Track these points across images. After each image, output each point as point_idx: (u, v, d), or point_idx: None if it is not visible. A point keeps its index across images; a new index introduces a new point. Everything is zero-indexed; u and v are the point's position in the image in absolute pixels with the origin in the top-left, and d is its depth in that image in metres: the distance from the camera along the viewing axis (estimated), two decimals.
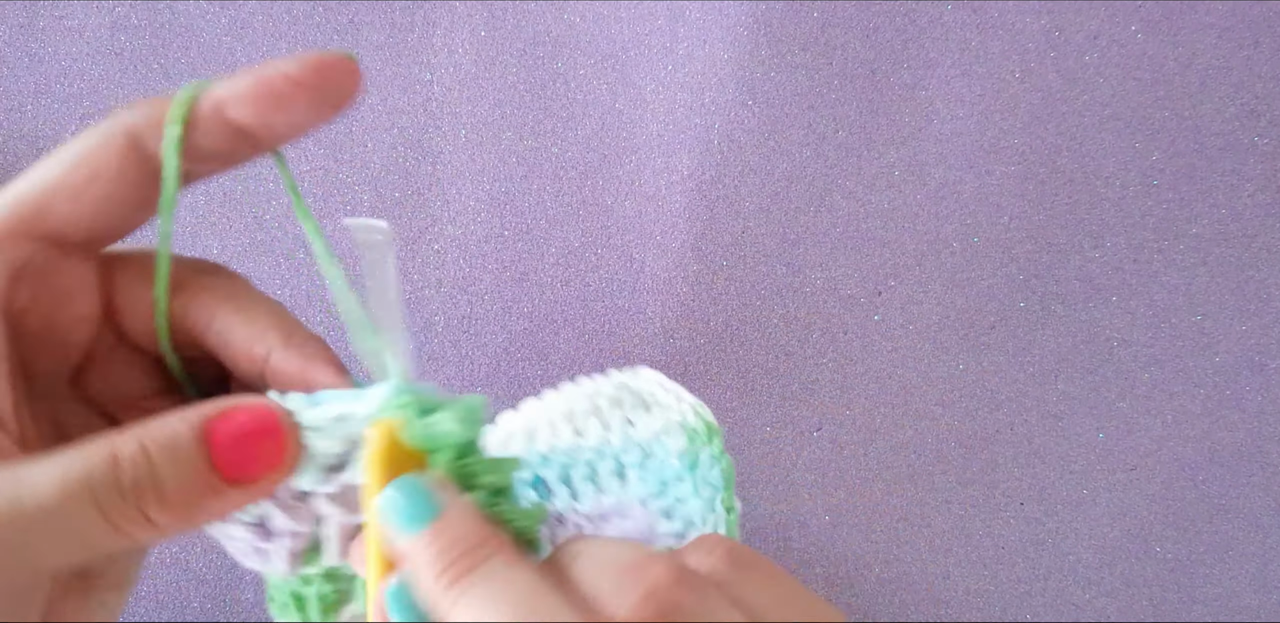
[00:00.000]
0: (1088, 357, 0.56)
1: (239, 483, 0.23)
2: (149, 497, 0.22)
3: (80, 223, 0.24)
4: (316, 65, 0.24)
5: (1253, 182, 0.56)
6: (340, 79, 0.25)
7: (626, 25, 0.56)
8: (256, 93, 0.24)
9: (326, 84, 0.25)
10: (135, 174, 0.24)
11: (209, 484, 0.23)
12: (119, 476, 0.22)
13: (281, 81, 0.24)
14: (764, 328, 0.55)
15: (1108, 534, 0.56)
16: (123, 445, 0.22)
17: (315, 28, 0.55)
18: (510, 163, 0.56)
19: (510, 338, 0.55)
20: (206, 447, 0.23)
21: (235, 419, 0.23)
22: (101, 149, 0.24)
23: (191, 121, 0.25)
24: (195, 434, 0.23)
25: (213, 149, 0.25)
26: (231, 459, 0.23)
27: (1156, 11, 0.56)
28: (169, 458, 0.22)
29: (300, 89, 0.24)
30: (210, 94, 0.25)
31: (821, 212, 0.56)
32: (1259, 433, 0.56)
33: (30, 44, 0.55)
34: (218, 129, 0.25)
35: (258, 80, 0.24)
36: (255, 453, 0.24)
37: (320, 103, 0.25)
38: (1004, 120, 0.56)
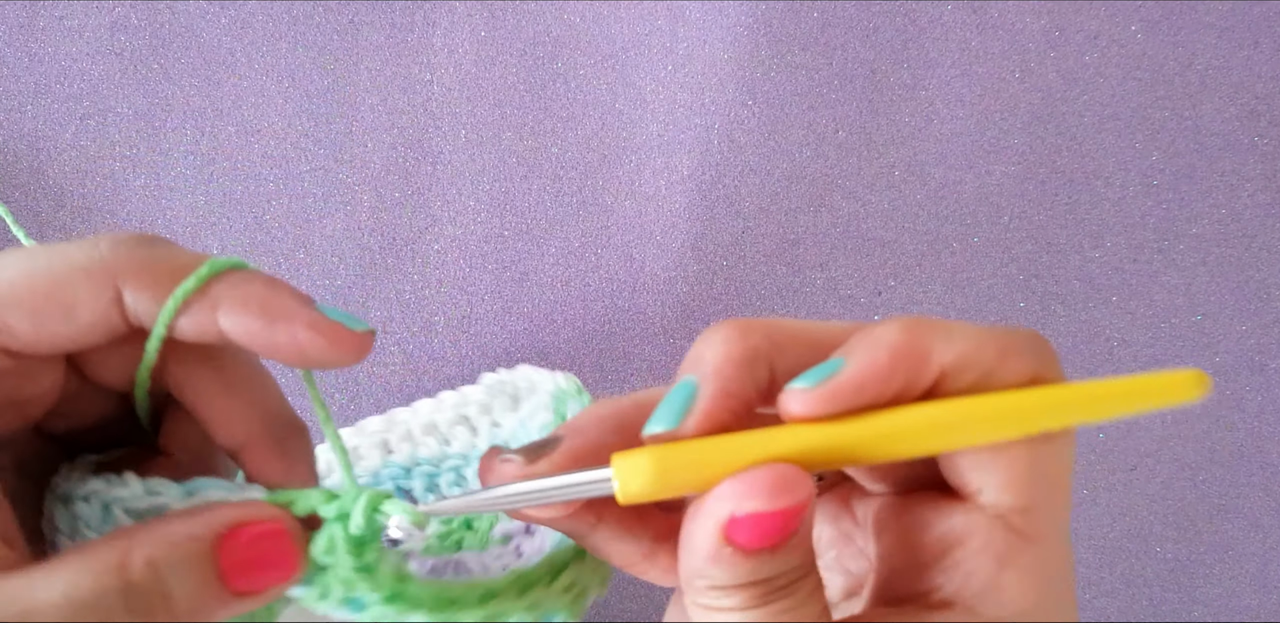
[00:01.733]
0: (1088, 357, 0.56)
1: (247, 594, 0.23)
2: (158, 613, 0.22)
3: (40, 347, 0.24)
4: (330, 335, 0.24)
5: (1253, 182, 0.56)
6: (345, 355, 0.24)
7: (626, 25, 0.56)
8: (256, 327, 0.24)
9: (326, 354, 0.24)
10: (107, 325, 0.24)
11: (217, 598, 0.23)
12: (128, 594, 0.22)
13: (285, 334, 0.23)
14: None
15: (1108, 534, 0.56)
16: (133, 561, 0.22)
17: (315, 28, 0.55)
18: (510, 163, 0.56)
19: (510, 338, 0.55)
20: (218, 562, 0.23)
21: (247, 534, 0.23)
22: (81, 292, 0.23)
23: (186, 304, 0.24)
24: (207, 551, 0.23)
25: (192, 334, 0.24)
26: (241, 573, 0.23)
27: (1156, 11, 0.56)
28: (180, 577, 0.22)
29: (298, 349, 0.24)
30: (216, 292, 0.24)
31: (821, 212, 0.56)
32: (1259, 433, 0.56)
33: (30, 44, 0.55)
34: (205, 323, 0.24)
35: (266, 314, 0.24)
36: (265, 566, 0.23)
37: (310, 362, 0.24)
38: (1004, 120, 0.56)
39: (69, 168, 0.55)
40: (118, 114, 0.55)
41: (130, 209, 0.55)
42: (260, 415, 0.26)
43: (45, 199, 0.55)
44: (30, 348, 0.23)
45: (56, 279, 0.23)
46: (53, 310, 0.23)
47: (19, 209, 0.55)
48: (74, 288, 0.23)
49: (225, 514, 0.23)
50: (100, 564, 0.22)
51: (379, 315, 0.55)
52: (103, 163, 0.55)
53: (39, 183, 0.55)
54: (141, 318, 0.24)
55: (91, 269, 0.23)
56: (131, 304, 0.24)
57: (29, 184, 0.55)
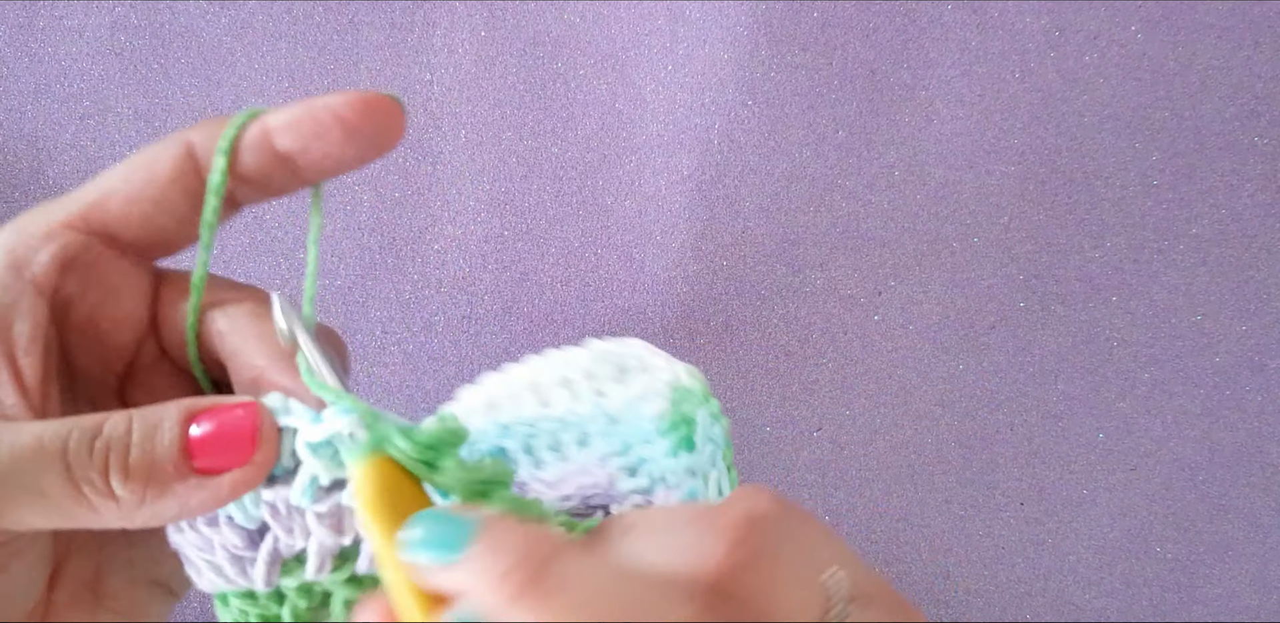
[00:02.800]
0: (1088, 357, 0.56)
1: (204, 472, 0.24)
2: (115, 462, 0.23)
3: (132, 222, 0.26)
4: (361, 104, 0.26)
5: (1253, 182, 0.56)
6: (382, 120, 0.26)
7: (626, 25, 0.56)
8: (300, 121, 0.26)
9: (368, 122, 0.26)
10: (188, 183, 0.26)
11: (174, 464, 0.24)
12: (94, 438, 0.23)
13: (325, 114, 0.25)
14: (764, 328, 0.55)
15: (1108, 534, 0.56)
16: (113, 416, 0.24)
17: (315, 28, 0.55)
18: (510, 163, 0.56)
19: (510, 338, 0.55)
20: (184, 429, 0.24)
21: (221, 412, 0.25)
22: (160, 158, 0.26)
23: (240, 143, 0.26)
24: (179, 415, 0.24)
25: (257, 172, 0.26)
26: (202, 448, 0.24)
27: (1156, 11, 0.56)
28: (146, 430, 0.24)
29: (341, 123, 0.25)
30: (262, 120, 0.26)
31: (821, 212, 0.56)
32: (1259, 433, 0.56)
33: (30, 44, 0.55)
34: (263, 153, 0.26)
35: (303, 110, 0.26)
36: (226, 446, 0.25)
37: (360, 140, 0.26)
38: (1004, 120, 0.56)
39: (69, 168, 0.55)
40: (118, 114, 0.55)
41: None
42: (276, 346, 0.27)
43: (45, 199, 0.55)
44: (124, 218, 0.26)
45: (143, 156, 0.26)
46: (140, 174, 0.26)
47: (19, 209, 0.55)
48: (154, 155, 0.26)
49: (212, 397, 0.25)
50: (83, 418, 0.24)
51: (379, 315, 0.55)
52: (103, 163, 0.55)
53: (39, 183, 0.55)
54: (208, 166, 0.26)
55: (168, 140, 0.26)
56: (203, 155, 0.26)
57: (29, 184, 0.55)
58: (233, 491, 0.24)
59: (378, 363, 0.55)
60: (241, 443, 0.24)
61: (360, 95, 0.25)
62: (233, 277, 0.30)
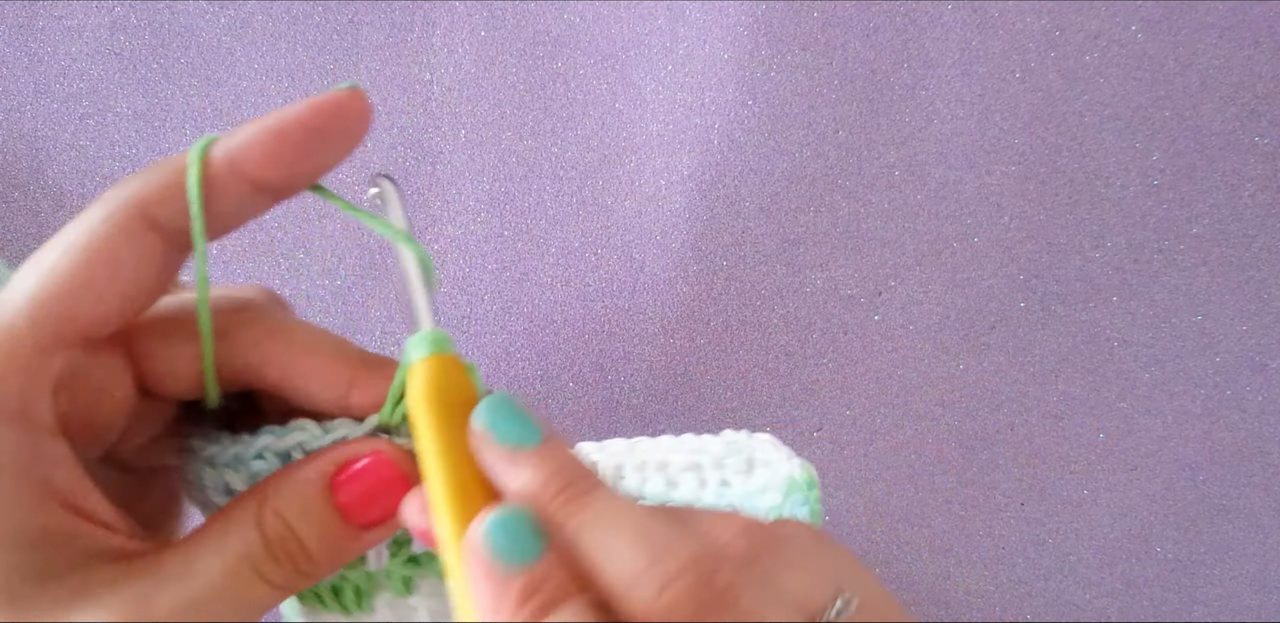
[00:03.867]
0: (1088, 357, 0.56)
1: (372, 526, 0.25)
2: (300, 559, 0.24)
3: (108, 320, 0.24)
4: (326, 107, 0.24)
5: (1253, 182, 0.56)
6: (352, 115, 0.25)
7: (626, 25, 0.56)
8: (272, 145, 0.24)
9: (339, 123, 0.24)
10: (156, 255, 0.24)
11: (346, 534, 0.25)
12: (270, 547, 0.24)
13: (294, 129, 0.24)
14: (764, 328, 0.55)
15: (1108, 534, 0.56)
16: (265, 520, 0.24)
17: (315, 28, 0.55)
18: (510, 163, 0.56)
19: (510, 338, 0.55)
20: (335, 504, 0.24)
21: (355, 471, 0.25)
22: (116, 238, 0.23)
23: (207, 184, 0.24)
24: (322, 494, 0.24)
25: (233, 207, 0.24)
26: (359, 509, 0.25)
27: (1156, 11, 0.56)
28: (304, 522, 0.24)
29: (314, 134, 0.24)
30: (221, 153, 0.24)
31: (821, 212, 0.56)
32: (1259, 433, 0.56)
33: (30, 44, 0.55)
34: (234, 187, 0.24)
35: (270, 132, 0.24)
36: (379, 497, 0.25)
37: (335, 143, 0.25)
38: (1004, 120, 0.56)
39: (69, 168, 0.55)
40: (118, 114, 0.55)
41: None
42: (347, 357, 0.27)
43: (45, 199, 0.55)
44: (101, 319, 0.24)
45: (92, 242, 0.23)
46: (101, 270, 0.23)
47: (19, 209, 0.55)
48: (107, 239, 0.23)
49: (331, 455, 0.25)
50: (241, 523, 0.24)
51: (379, 315, 0.55)
52: (103, 163, 0.55)
53: (39, 183, 0.55)
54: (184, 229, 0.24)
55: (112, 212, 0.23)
56: (166, 220, 0.24)
57: (29, 184, 0.55)
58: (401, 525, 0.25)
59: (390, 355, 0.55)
60: (395, 493, 0.25)
61: (323, 99, 0.24)
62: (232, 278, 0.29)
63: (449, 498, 0.23)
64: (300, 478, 0.24)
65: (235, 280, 0.51)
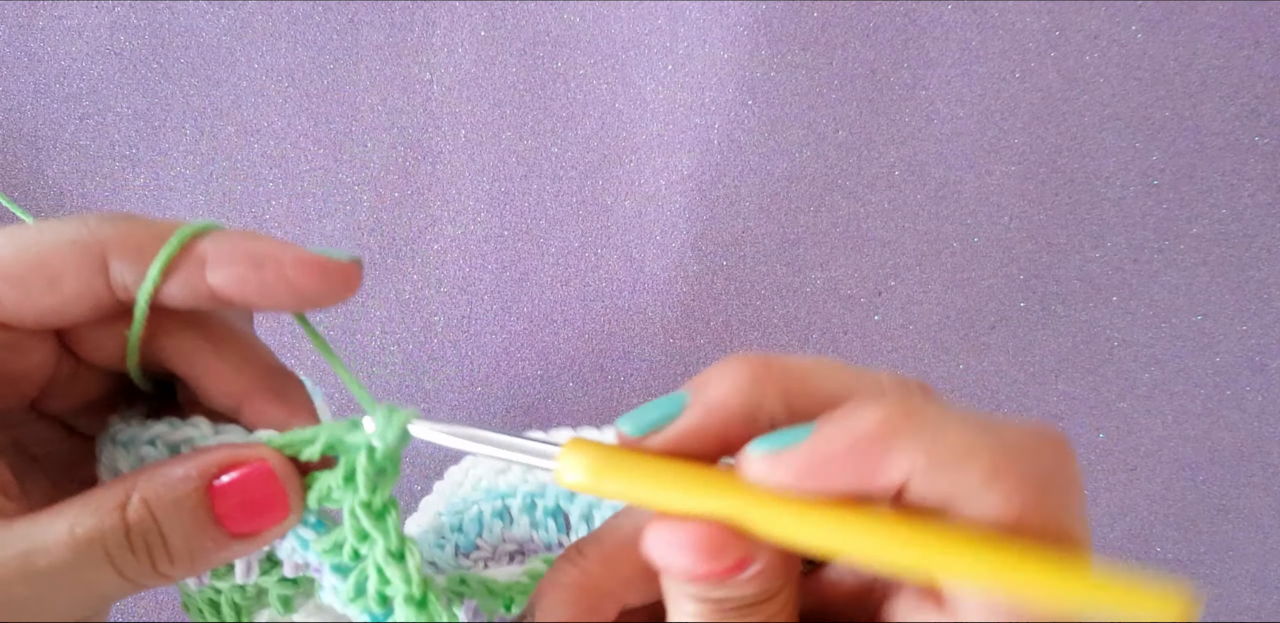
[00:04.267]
0: (1088, 357, 0.56)
1: (246, 536, 0.24)
2: (158, 553, 0.23)
3: (24, 320, 0.24)
4: (318, 270, 0.24)
5: (1253, 182, 0.56)
6: (336, 288, 0.24)
7: (626, 25, 0.56)
8: (244, 269, 0.23)
9: (319, 289, 0.24)
10: (93, 297, 0.24)
11: (214, 539, 0.23)
12: (129, 533, 0.22)
13: (274, 275, 0.23)
14: (764, 328, 0.55)
15: (1108, 534, 0.56)
16: (129, 503, 0.23)
17: (315, 27, 0.55)
18: (510, 163, 0.56)
19: (510, 338, 0.55)
20: (209, 504, 0.23)
21: (237, 475, 0.24)
22: (69, 262, 0.23)
23: (171, 269, 0.23)
24: (198, 492, 0.23)
25: (182, 299, 0.24)
26: (234, 516, 0.23)
27: (1156, 11, 0.56)
28: (173, 518, 0.23)
29: (290, 288, 0.24)
30: (202, 249, 0.24)
31: (821, 212, 0.56)
32: (1259, 433, 0.56)
33: (30, 44, 0.55)
34: (193, 284, 0.24)
35: (252, 260, 0.23)
36: (257, 508, 0.24)
37: (301, 300, 0.24)
38: (1004, 120, 0.56)
39: (69, 168, 0.55)
40: (118, 114, 0.55)
41: (130, 209, 0.55)
42: (253, 369, 0.26)
43: (45, 199, 0.55)
44: (16, 320, 0.24)
45: (43, 250, 0.23)
46: (38, 281, 0.23)
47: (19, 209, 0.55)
48: (60, 258, 0.23)
49: (215, 455, 0.24)
50: (102, 505, 0.22)
51: (379, 315, 0.55)
52: (103, 163, 0.55)
53: (39, 183, 0.55)
54: (130, 288, 0.24)
55: (77, 240, 0.23)
56: (118, 275, 0.24)
57: (29, 184, 0.55)
58: (269, 541, 0.24)
59: (378, 363, 0.55)
60: (274, 507, 0.24)
61: (314, 260, 0.23)
62: None
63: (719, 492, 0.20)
64: (179, 473, 0.23)
65: None
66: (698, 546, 0.20)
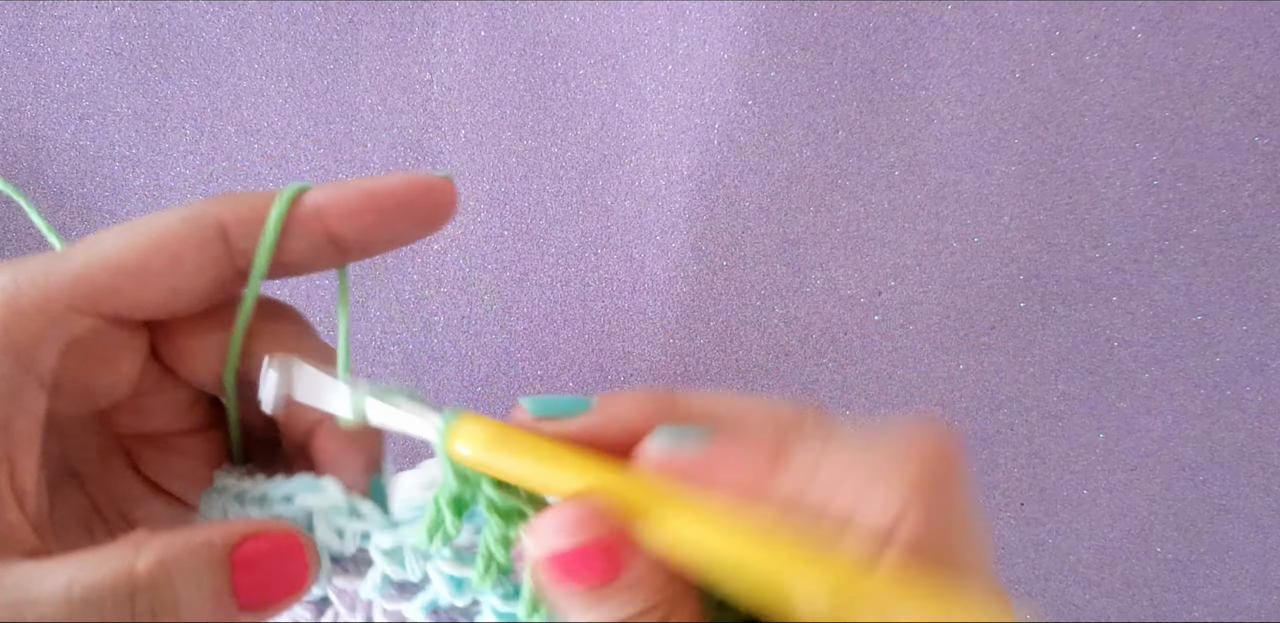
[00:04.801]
0: (1088, 357, 0.56)
1: (255, 609, 0.23)
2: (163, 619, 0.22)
3: (145, 307, 0.24)
4: (423, 186, 0.25)
5: (1253, 182, 0.56)
6: (442, 201, 0.25)
7: (626, 25, 0.56)
8: (364, 207, 0.24)
9: (429, 205, 0.25)
10: (215, 269, 0.24)
11: (226, 611, 0.22)
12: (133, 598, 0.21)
13: (385, 196, 0.24)
14: (764, 328, 0.55)
15: (1108, 534, 0.56)
16: (142, 564, 0.21)
17: (315, 28, 0.55)
18: (510, 163, 0.56)
19: (510, 338, 0.55)
20: (230, 572, 0.22)
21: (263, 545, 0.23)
22: (187, 239, 0.23)
23: (287, 220, 0.24)
24: (222, 559, 0.22)
25: (302, 250, 0.25)
26: (253, 587, 0.23)
27: (1156, 11, 0.56)
28: (192, 583, 0.22)
29: (401, 205, 0.24)
30: (311, 198, 0.24)
31: (821, 212, 0.56)
32: (1259, 433, 0.56)
33: (30, 44, 0.55)
34: (312, 231, 0.24)
35: (362, 191, 0.24)
36: (277, 580, 0.23)
37: (417, 220, 0.25)
38: (1004, 120, 0.56)
39: (69, 168, 0.55)
40: (118, 114, 0.55)
41: (130, 209, 0.55)
42: None
43: (45, 199, 0.55)
44: (135, 308, 0.23)
45: (159, 234, 0.23)
46: (159, 261, 0.23)
47: (19, 209, 0.55)
48: (177, 237, 0.23)
49: (237, 526, 0.23)
50: (108, 561, 0.21)
51: (379, 315, 0.55)
52: (103, 163, 0.55)
53: (39, 183, 0.55)
54: (250, 251, 0.24)
55: (189, 217, 0.23)
56: (238, 239, 0.24)
57: (29, 184, 0.55)
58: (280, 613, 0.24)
59: (378, 363, 0.55)
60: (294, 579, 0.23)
61: (421, 179, 0.25)
62: None
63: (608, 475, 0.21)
64: (203, 539, 0.22)
65: None
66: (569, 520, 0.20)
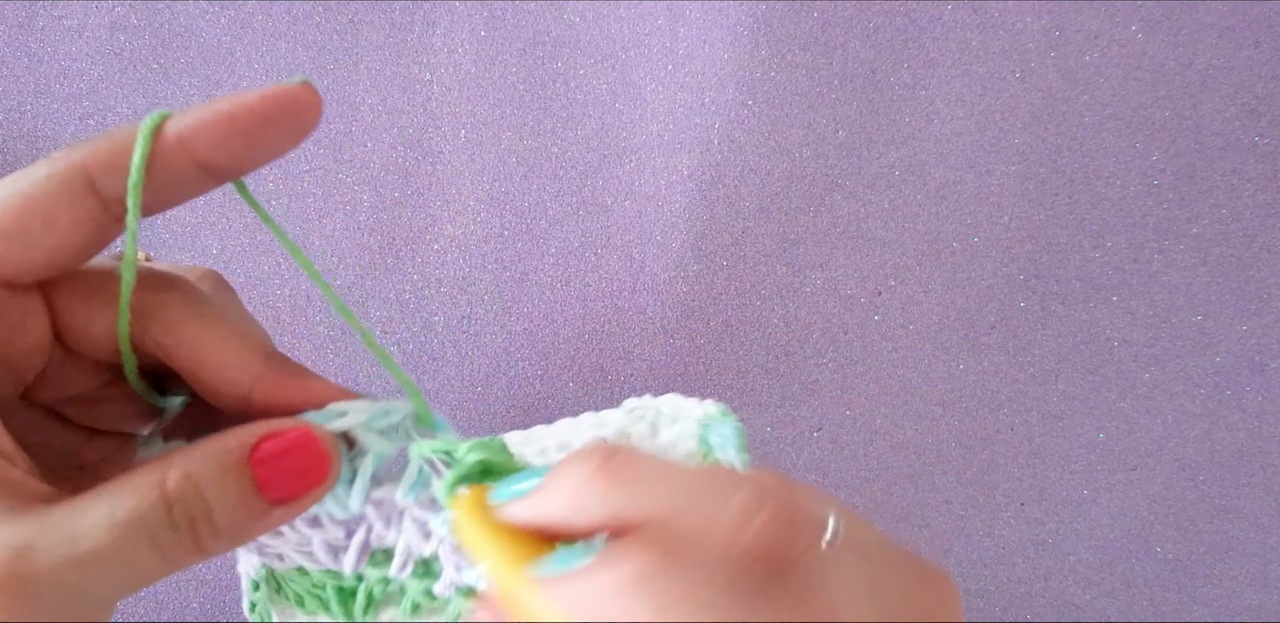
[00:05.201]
0: (1088, 357, 0.56)
1: (284, 502, 0.24)
2: (202, 528, 0.23)
3: (32, 268, 0.24)
4: (279, 96, 0.24)
5: (1253, 182, 0.56)
6: (302, 109, 0.24)
7: (626, 25, 0.56)
8: (223, 129, 0.24)
9: (290, 115, 0.24)
10: (91, 219, 0.24)
11: (257, 508, 0.24)
12: (171, 511, 0.23)
13: (246, 116, 0.24)
14: (764, 328, 0.55)
15: (1108, 534, 0.56)
16: (171, 479, 0.23)
17: (315, 28, 0.55)
18: (510, 163, 0.56)
19: (510, 338, 0.55)
20: (252, 471, 0.24)
21: (278, 442, 0.24)
22: (56, 194, 0.23)
23: (153, 158, 0.24)
24: (241, 462, 0.23)
25: (175, 184, 0.24)
26: (277, 482, 0.24)
27: (1156, 11, 0.56)
28: (217, 488, 0.23)
29: (265, 122, 0.24)
30: (173, 130, 0.24)
31: (821, 212, 0.56)
32: (1259, 433, 0.56)
33: (30, 44, 0.55)
34: (180, 164, 0.24)
35: (222, 115, 0.24)
36: (299, 472, 0.24)
37: (284, 134, 0.24)
38: (1004, 120, 0.56)
39: None
40: (118, 114, 0.55)
41: None
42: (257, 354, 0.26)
43: None
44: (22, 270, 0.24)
45: (24, 194, 0.23)
46: (33, 223, 0.23)
47: None
48: (44, 194, 0.23)
49: (256, 427, 0.24)
50: (141, 483, 0.22)
51: (379, 315, 0.55)
52: None
53: None
54: (123, 196, 0.24)
55: (53, 173, 0.23)
56: (107, 186, 0.24)
57: None
58: (308, 507, 0.25)
59: (377, 363, 0.55)
60: (316, 470, 0.24)
61: (276, 89, 0.24)
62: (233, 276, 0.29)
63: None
64: (220, 445, 0.23)
65: (235, 278, 0.51)
66: None
